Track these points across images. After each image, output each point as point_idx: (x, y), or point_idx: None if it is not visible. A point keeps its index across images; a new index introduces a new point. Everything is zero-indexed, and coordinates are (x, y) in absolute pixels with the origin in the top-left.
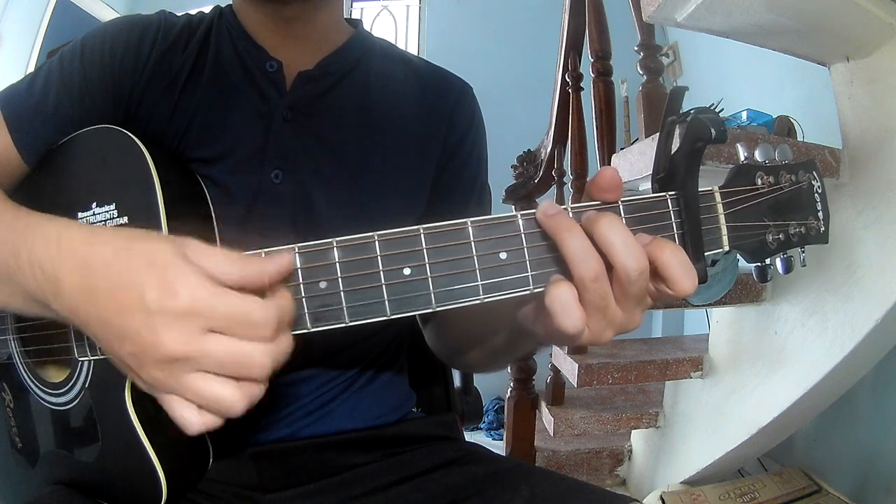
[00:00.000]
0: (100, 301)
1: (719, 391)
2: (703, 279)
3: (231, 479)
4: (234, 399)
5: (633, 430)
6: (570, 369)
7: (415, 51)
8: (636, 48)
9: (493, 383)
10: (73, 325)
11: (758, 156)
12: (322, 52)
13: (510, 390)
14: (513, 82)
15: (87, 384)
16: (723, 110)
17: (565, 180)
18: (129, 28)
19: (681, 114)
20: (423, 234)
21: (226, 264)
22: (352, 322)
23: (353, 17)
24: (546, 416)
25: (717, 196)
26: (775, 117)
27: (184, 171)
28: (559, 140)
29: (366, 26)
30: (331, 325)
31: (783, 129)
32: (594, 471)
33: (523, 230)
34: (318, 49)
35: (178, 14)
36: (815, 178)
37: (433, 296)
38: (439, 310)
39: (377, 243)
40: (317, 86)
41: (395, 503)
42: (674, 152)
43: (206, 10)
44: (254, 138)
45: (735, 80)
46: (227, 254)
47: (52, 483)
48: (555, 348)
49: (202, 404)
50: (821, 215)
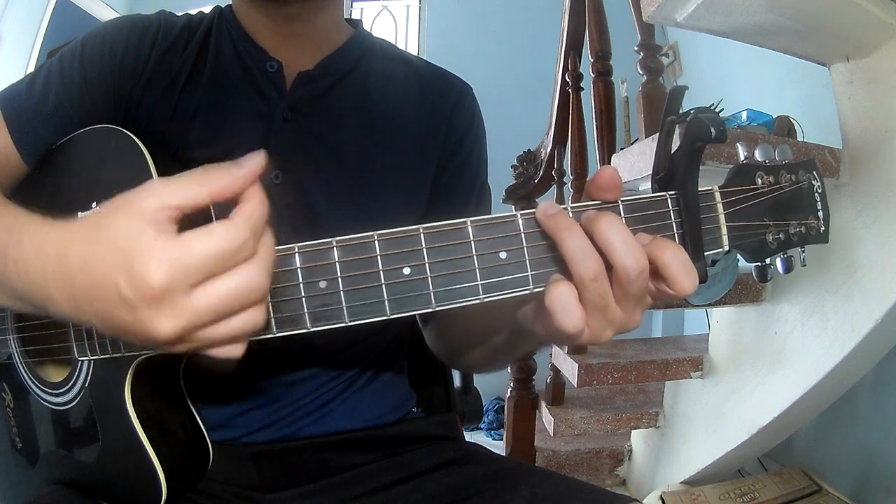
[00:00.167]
0: (90, 303)
1: (719, 391)
2: (703, 279)
3: (231, 479)
4: (254, 320)
5: (633, 430)
6: (570, 369)
7: (415, 51)
8: (636, 48)
9: (493, 383)
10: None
11: (758, 155)
12: (322, 53)
13: (510, 390)
14: (513, 82)
15: (87, 384)
16: (723, 110)
17: (565, 180)
18: (129, 28)
19: (680, 114)
20: (422, 234)
21: (193, 187)
22: (351, 322)
23: (353, 17)
24: (546, 416)
25: (717, 196)
26: (775, 117)
27: (184, 171)
28: (559, 140)
29: (366, 26)
30: (330, 324)
31: (783, 129)
32: (594, 471)
33: (523, 230)
34: (318, 49)
35: (178, 14)
36: (815, 178)
37: (433, 295)
38: (439, 310)
39: (377, 243)
40: (317, 86)
41: (394, 503)
42: (673, 152)
43: (206, 10)
44: (254, 138)
45: (735, 80)
46: (189, 176)
47: (52, 483)
48: (555, 348)
49: (229, 341)
50: (821, 215)
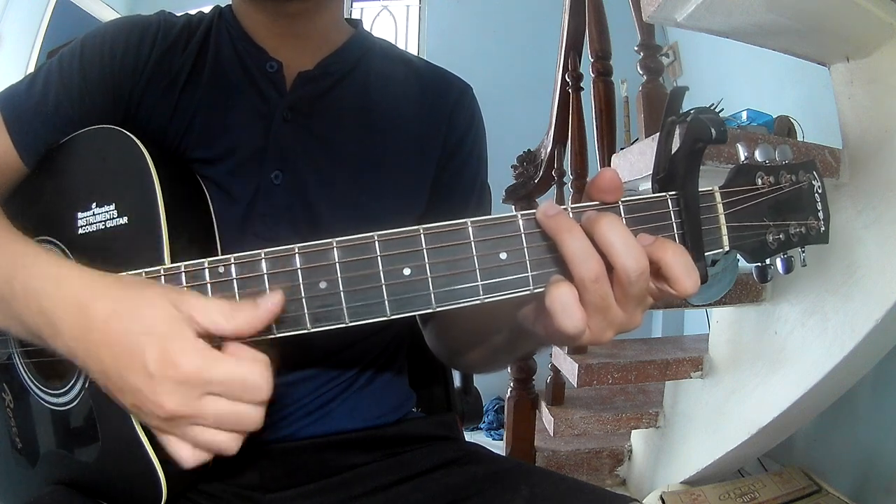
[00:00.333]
0: (99, 355)
1: (719, 391)
2: (703, 279)
3: (231, 479)
4: (228, 444)
5: (633, 430)
6: (570, 369)
7: (415, 51)
8: (636, 48)
9: (493, 383)
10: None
11: (758, 156)
12: (322, 53)
13: (510, 390)
14: (513, 82)
15: (87, 384)
16: (723, 110)
17: (565, 180)
18: (129, 28)
19: (681, 114)
20: (422, 235)
21: (219, 318)
22: (352, 322)
23: (353, 17)
24: (546, 416)
25: (718, 196)
26: (775, 117)
27: (184, 171)
28: (559, 140)
29: (366, 26)
30: (331, 325)
31: (783, 129)
32: (594, 471)
33: (523, 230)
34: (317, 49)
35: (178, 14)
36: (815, 179)
37: (433, 296)
38: (439, 310)
39: (377, 243)
40: (317, 86)
41: (394, 503)
42: (674, 152)
43: (206, 10)
44: (254, 139)
45: (735, 80)
46: (220, 307)
47: (52, 483)
48: (555, 348)
49: (198, 447)
50: (821, 215)
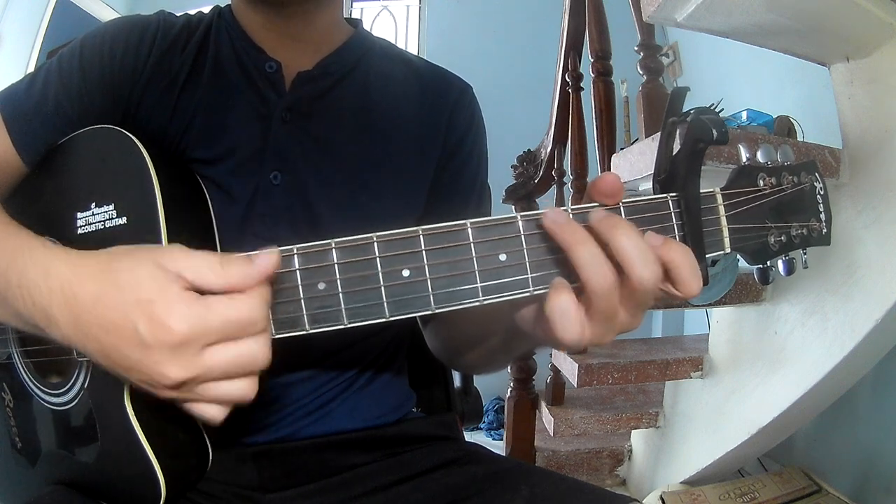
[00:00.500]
0: (96, 336)
1: (719, 391)
2: (704, 281)
3: (231, 479)
4: (244, 391)
5: (633, 430)
6: (570, 369)
7: (415, 51)
8: (636, 48)
9: (493, 383)
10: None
11: (760, 157)
12: (321, 53)
13: (510, 390)
14: (513, 82)
15: (87, 384)
16: (723, 110)
17: (565, 180)
18: (129, 28)
19: (682, 114)
20: (422, 236)
21: (208, 273)
22: (350, 324)
23: (353, 17)
24: (546, 416)
25: (719, 197)
26: (775, 117)
27: (183, 171)
28: (559, 140)
29: (366, 26)
30: (330, 326)
31: (783, 129)
32: (594, 471)
33: (523, 232)
34: (317, 49)
35: (178, 14)
36: (817, 180)
37: (432, 297)
38: (438, 312)
39: (376, 244)
40: (316, 86)
41: (394, 503)
42: (675, 153)
43: (206, 10)
44: (253, 139)
45: (735, 80)
46: (208, 260)
47: (52, 483)
48: None
49: (218, 402)
50: (823, 217)
